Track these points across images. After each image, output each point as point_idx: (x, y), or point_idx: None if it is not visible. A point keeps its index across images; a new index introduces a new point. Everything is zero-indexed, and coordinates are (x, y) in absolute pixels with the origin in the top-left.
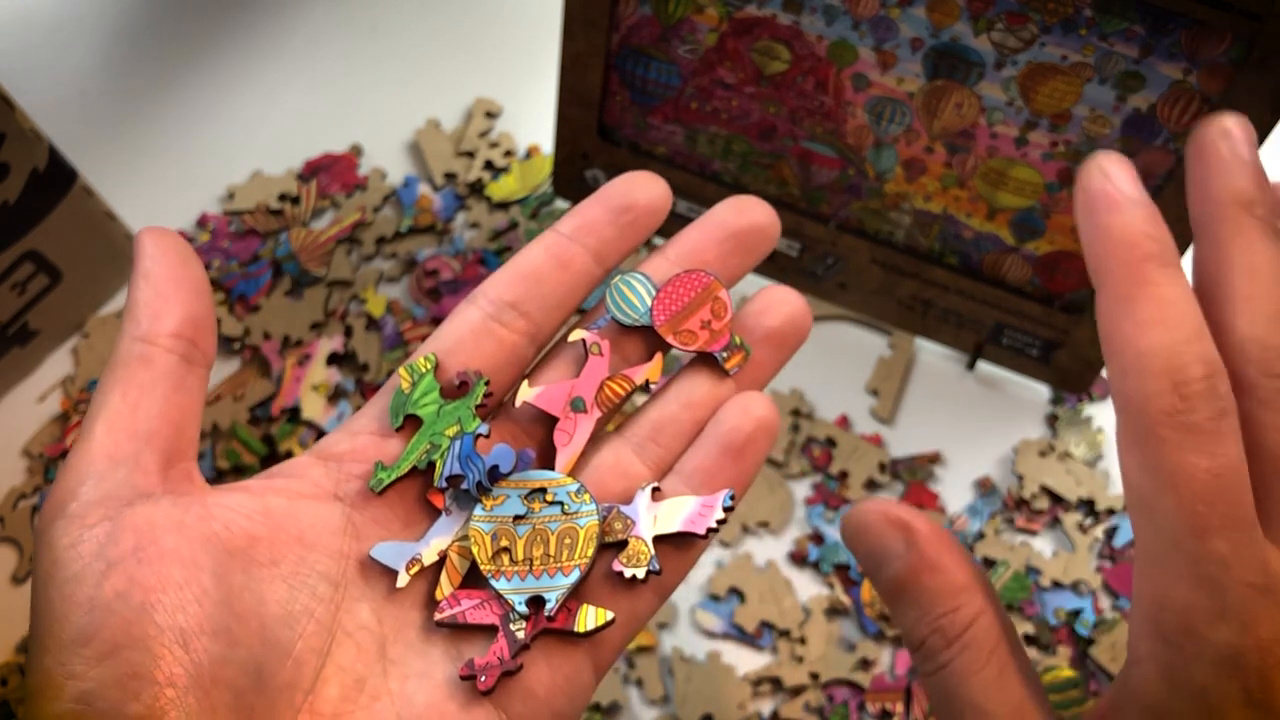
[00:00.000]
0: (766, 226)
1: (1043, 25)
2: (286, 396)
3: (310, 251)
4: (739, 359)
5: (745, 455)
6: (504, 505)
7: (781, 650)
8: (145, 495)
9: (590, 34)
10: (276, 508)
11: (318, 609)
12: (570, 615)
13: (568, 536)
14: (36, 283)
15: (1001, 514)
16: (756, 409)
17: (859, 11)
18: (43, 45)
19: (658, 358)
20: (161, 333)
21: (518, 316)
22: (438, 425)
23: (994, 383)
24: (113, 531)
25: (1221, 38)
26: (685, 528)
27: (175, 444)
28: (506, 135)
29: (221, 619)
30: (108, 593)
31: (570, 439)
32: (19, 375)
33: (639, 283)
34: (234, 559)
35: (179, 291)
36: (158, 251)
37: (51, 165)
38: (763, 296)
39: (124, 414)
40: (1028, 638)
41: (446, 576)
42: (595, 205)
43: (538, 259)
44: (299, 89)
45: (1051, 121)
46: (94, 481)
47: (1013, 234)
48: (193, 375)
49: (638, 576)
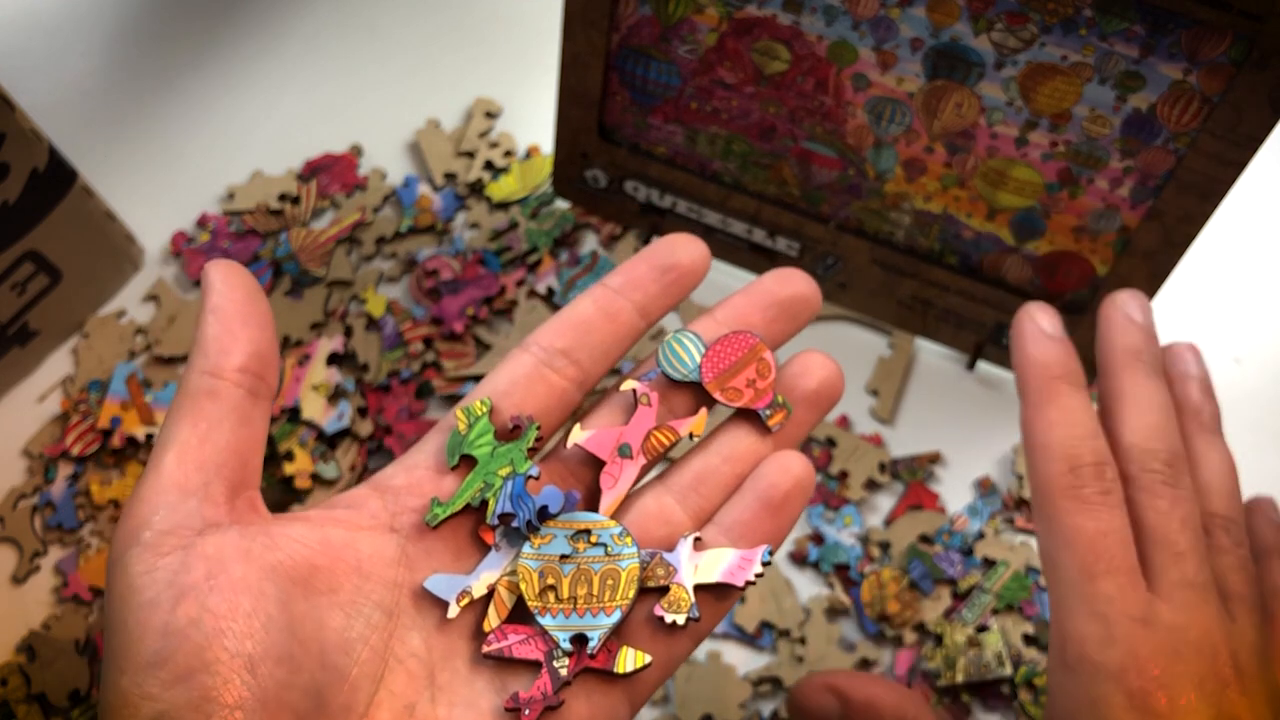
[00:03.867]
0: (809, 296)
1: (1043, 25)
2: (286, 396)
3: (310, 251)
4: (781, 417)
5: (782, 511)
6: (551, 544)
7: (781, 650)
8: (214, 525)
9: (590, 34)
10: (335, 538)
11: (372, 636)
12: (610, 655)
13: (610, 577)
14: (36, 283)
15: (1001, 514)
16: (795, 467)
17: (859, 11)
18: (43, 45)
19: (703, 412)
20: (229, 367)
21: (568, 364)
22: (491, 465)
23: (994, 383)
24: (185, 560)
25: (1221, 38)
26: (724, 579)
27: (241, 475)
28: (506, 135)
29: (285, 645)
30: (181, 619)
31: (615, 483)
32: (19, 375)
33: (690, 341)
34: (296, 587)
35: (246, 327)
36: (226, 286)
37: (51, 165)
38: (801, 360)
39: (193, 446)
40: (1027, 638)
41: (494, 609)
42: (641, 263)
43: (587, 311)
44: (299, 89)
45: (1051, 121)
46: (166, 511)
47: (1013, 234)
48: (258, 408)
49: (678, 622)
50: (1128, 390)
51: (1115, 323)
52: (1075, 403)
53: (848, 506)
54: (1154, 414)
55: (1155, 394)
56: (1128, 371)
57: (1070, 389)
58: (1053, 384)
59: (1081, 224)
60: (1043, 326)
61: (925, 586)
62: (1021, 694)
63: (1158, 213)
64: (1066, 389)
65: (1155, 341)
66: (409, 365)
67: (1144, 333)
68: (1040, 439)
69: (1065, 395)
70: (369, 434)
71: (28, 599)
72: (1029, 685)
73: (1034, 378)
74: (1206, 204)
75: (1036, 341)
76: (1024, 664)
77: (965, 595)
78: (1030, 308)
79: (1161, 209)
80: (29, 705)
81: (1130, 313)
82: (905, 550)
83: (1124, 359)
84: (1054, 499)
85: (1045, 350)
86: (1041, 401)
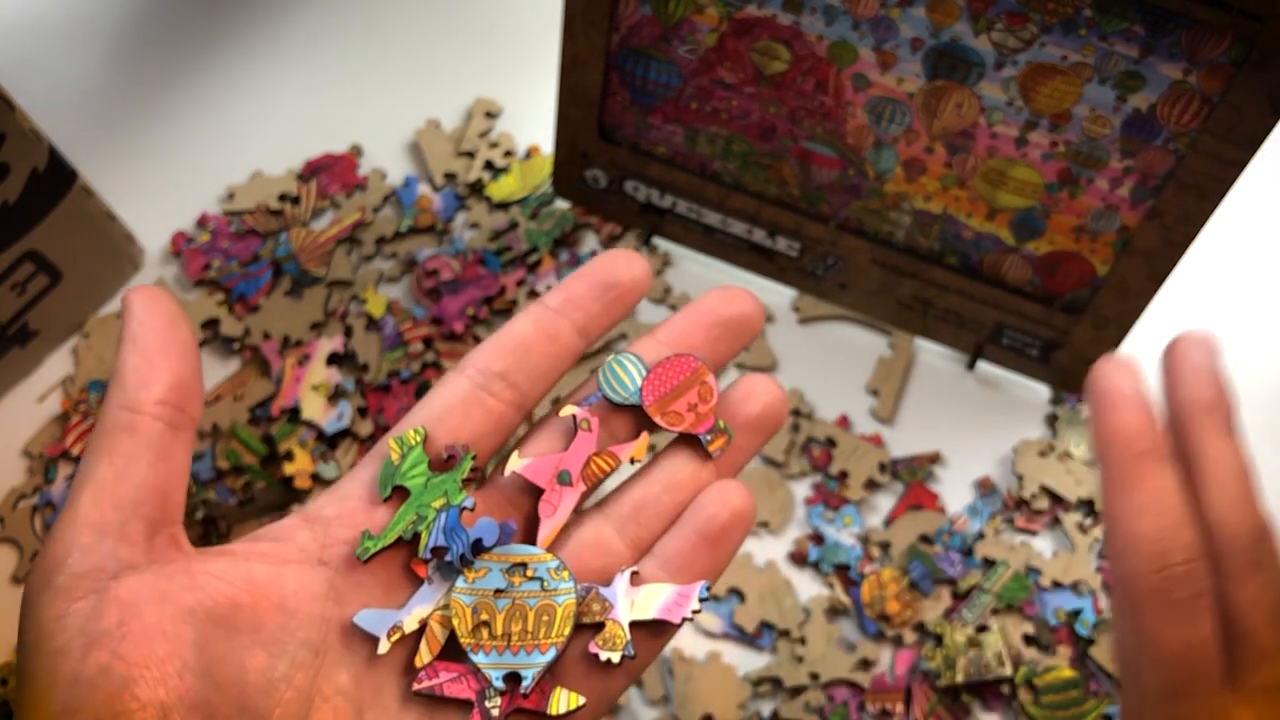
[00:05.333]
0: (752, 315)
1: (1043, 25)
2: (286, 396)
3: (310, 251)
4: (722, 442)
5: (720, 544)
6: (485, 578)
7: (781, 650)
8: (130, 566)
9: (590, 34)
10: (259, 574)
11: (297, 675)
12: (544, 696)
13: (545, 614)
14: (36, 283)
15: (1001, 514)
16: (734, 499)
17: (859, 11)
18: (43, 45)
19: (644, 437)
20: (147, 400)
21: (506, 387)
22: (424, 497)
23: (994, 383)
24: (97, 606)
25: (1221, 38)
26: (661, 615)
27: (161, 511)
28: (506, 135)
29: (201, 691)
30: (91, 668)
31: (555, 511)
32: (19, 375)
33: (630, 363)
34: (216, 627)
35: (166, 357)
36: (145, 315)
37: (51, 165)
38: (744, 385)
39: (109, 484)
40: (1027, 638)
41: (426, 645)
42: (581, 282)
43: (526, 331)
44: (299, 89)
45: (1051, 121)
46: (80, 554)
47: (1013, 234)
48: (178, 440)
49: (613, 660)
50: (1205, 454)
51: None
52: (1163, 484)
53: (848, 506)
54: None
55: (1234, 458)
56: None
57: (1157, 468)
58: (1139, 462)
59: (1081, 224)
60: (1123, 389)
61: (925, 586)
62: (1021, 694)
63: (1158, 213)
64: (1153, 468)
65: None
66: (409, 365)
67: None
68: (1126, 527)
69: (1152, 476)
70: (369, 434)
71: None
72: (1029, 685)
73: (1117, 453)
74: (1206, 204)
75: (1118, 408)
76: (1024, 664)
77: (965, 595)
78: (1108, 365)
79: (1161, 209)
80: None
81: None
82: (905, 550)
83: (1197, 415)
84: (1141, 600)
85: (1129, 420)
86: (1127, 481)
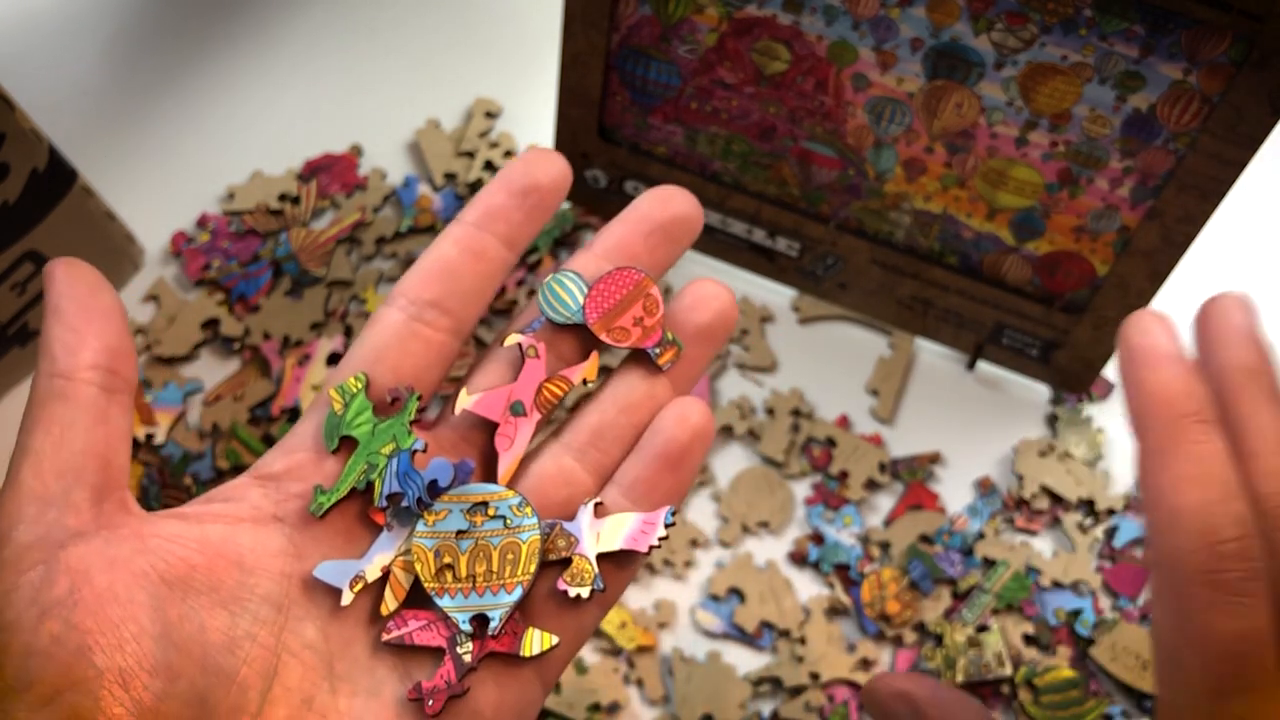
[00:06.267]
0: (691, 216)
1: (1043, 25)
2: (286, 396)
3: (310, 251)
4: (672, 354)
5: (683, 465)
6: (446, 520)
7: (781, 650)
8: (78, 534)
9: (590, 34)
10: (213, 534)
11: (260, 632)
12: (515, 638)
13: (510, 552)
14: (37, 283)
15: (1001, 514)
16: (693, 417)
17: (859, 11)
18: (43, 45)
19: (594, 356)
20: (78, 366)
21: (440, 314)
22: (373, 444)
23: (994, 383)
24: (47, 575)
25: (1221, 38)
26: (628, 545)
27: (105, 476)
28: (506, 135)
29: (160, 654)
30: (44, 638)
31: (512, 443)
32: (19, 375)
33: (571, 281)
34: (171, 590)
35: (91, 322)
36: (66, 285)
37: (51, 165)
38: (691, 291)
39: (48, 453)
40: (1027, 638)
41: (390, 592)
42: (499, 191)
43: (450, 253)
44: (299, 89)
45: (1051, 121)
46: (25, 525)
47: (1013, 234)
48: (115, 404)
49: (582, 595)
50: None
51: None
52: (1211, 450)
53: (848, 506)
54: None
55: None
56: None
57: (1204, 431)
58: (1182, 425)
59: (1081, 224)
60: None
61: (925, 586)
62: (1021, 694)
63: (1158, 213)
64: (1199, 432)
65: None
66: None
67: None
68: (1169, 500)
69: (1198, 441)
70: None
71: None
72: (1029, 685)
73: (1158, 415)
74: (1206, 204)
75: (1157, 366)
76: (1024, 664)
77: (965, 595)
78: (1142, 318)
79: (1161, 209)
80: None
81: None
82: (905, 550)
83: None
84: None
85: (1170, 379)
86: (1169, 448)
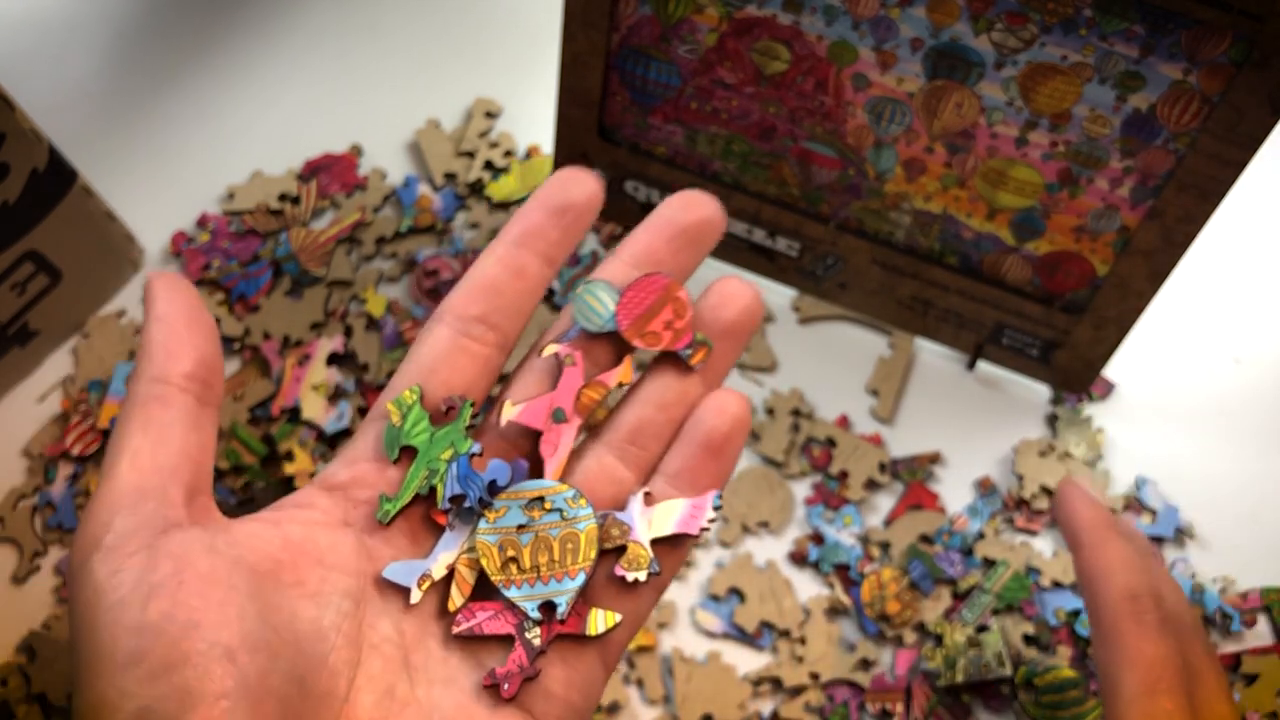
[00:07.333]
0: (713, 219)
1: (1043, 25)
2: (286, 396)
3: (310, 251)
4: (703, 354)
5: (724, 453)
6: (506, 517)
7: (781, 650)
8: (175, 525)
9: (590, 34)
10: (294, 534)
11: (344, 624)
12: (580, 619)
13: (569, 541)
14: (36, 283)
15: (1001, 514)
16: (731, 406)
17: (859, 11)
18: (43, 46)
19: (627, 360)
20: (176, 373)
21: (486, 329)
22: (432, 451)
23: (994, 383)
24: (151, 559)
25: (1221, 38)
26: (679, 529)
27: (195, 479)
28: (506, 135)
29: (261, 634)
30: (153, 615)
31: (556, 448)
32: (19, 375)
33: (602, 291)
34: (264, 580)
35: (192, 335)
36: (171, 295)
37: (51, 165)
38: (716, 290)
39: (146, 450)
40: (1027, 638)
41: (457, 588)
42: (535, 211)
43: (493, 271)
44: (299, 89)
45: (1051, 121)
46: (125, 514)
47: (1013, 234)
48: (205, 415)
49: (640, 579)
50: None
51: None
52: (1129, 549)
53: (848, 506)
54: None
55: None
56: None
57: (1121, 538)
58: (1107, 532)
59: (1081, 224)
60: (1085, 493)
61: (925, 586)
62: (1021, 694)
63: (1158, 213)
64: (1118, 537)
65: None
66: None
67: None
68: (1101, 572)
69: (1119, 541)
70: None
71: (28, 599)
72: (1029, 685)
73: (1088, 528)
74: (1206, 204)
75: (1086, 502)
76: (1024, 664)
77: (965, 595)
78: (1070, 480)
79: (1161, 209)
80: (29, 705)
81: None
82: (905, 550)
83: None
84: (1118, 623)
85: (1095, 508)
86: (1099, 545)
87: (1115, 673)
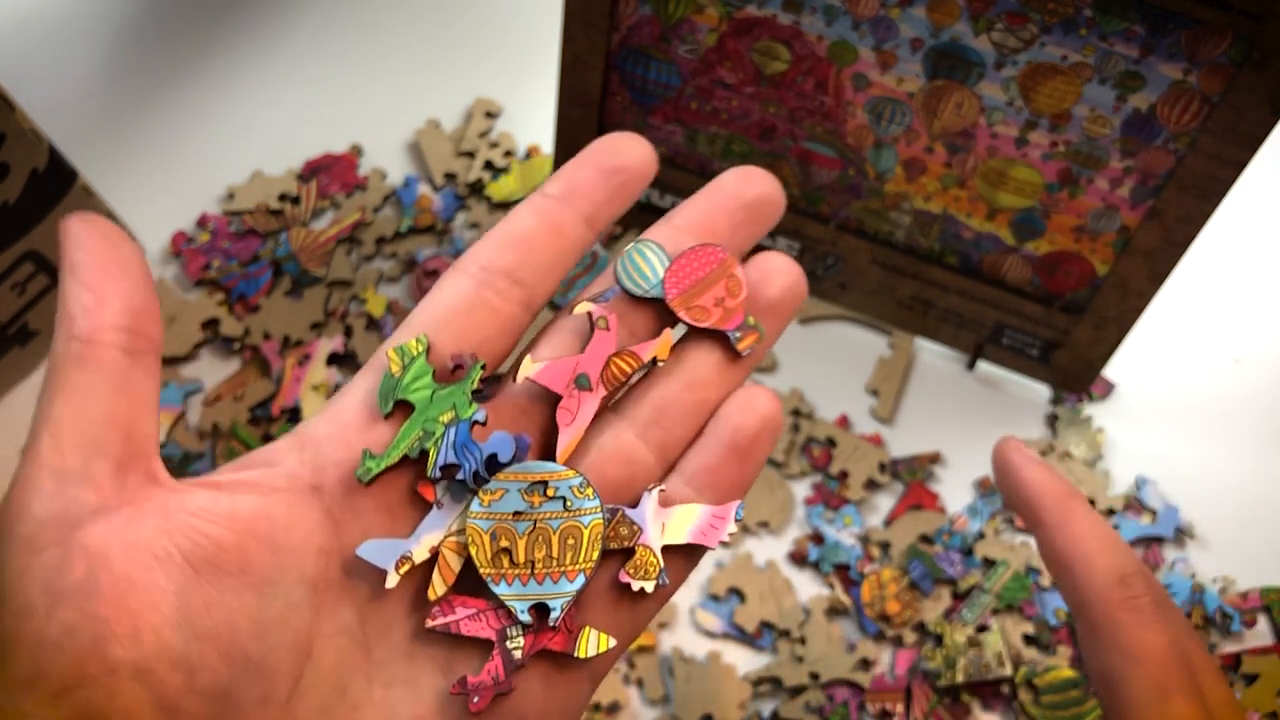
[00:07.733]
0: (775, 197)
1: (1043, 25)
2: (286, 396)
3: (310, 251)
4: (753, 339)
5: (750, 456)
6: (502, 500)
7: (781, 650)
8: (98, 511)
9: (590, 34)
10: (244, 507)
11: (292, 616)
12: (570, 636)
13: (571, 537)
14: (36, 283)
15: (1001, 514)
16: (761, 406)
17: (859, 11)
18: (43, 46)
19: (667, 333)
20: (97, 328)
21: (512, 285)
22: (430, 411)
23: (994, 383)
24: (63, 557)
25: (1221, 38)
26: (695, 540)
27: (128, 447)
28: (506, 135)
29: (181, 646)
30: (56, 629)
31: (574, 419)
32: (19, 375)
33: (652, 252)
34: (197, 573)
35: (110, 280)
36: (82, 239)
37: (51, 165)
38: (760, 264)
39: (67, 423)
40: (1027, 638)
41: (439, 575)
42: (584, 167)
43: (528, 224)
44: (299, 89)
45: (1051, 121)
46: (42, 500)
47: (1013, 234)
48: (139, 367)
49: (646, 590)
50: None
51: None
52: (1095, 515)
53: (848, 506)
54: None
55: None
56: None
57: (1084, 503)
58: (1070, 502)
59: (1081, 224)
60: (1029, 454)
61: (925, 586)
62: (1021, 694)
63: (1158, 213)
64: (1081, 503)
65: None
66: None
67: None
68: (1078, 555)
69: (1083, 509)
70: None
71: None
72: (1029, 685)
73: (1046, 497)
74: (1206, 204)
75: (1032, 467)
76: (1024, 664)
77: (965, 595)
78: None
79: (1161, 209)
80: None
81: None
82: (905, 550)
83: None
84: (1111, 614)
85: (1044, 473)
86: (1063, 519)
87: (1116, 672)
